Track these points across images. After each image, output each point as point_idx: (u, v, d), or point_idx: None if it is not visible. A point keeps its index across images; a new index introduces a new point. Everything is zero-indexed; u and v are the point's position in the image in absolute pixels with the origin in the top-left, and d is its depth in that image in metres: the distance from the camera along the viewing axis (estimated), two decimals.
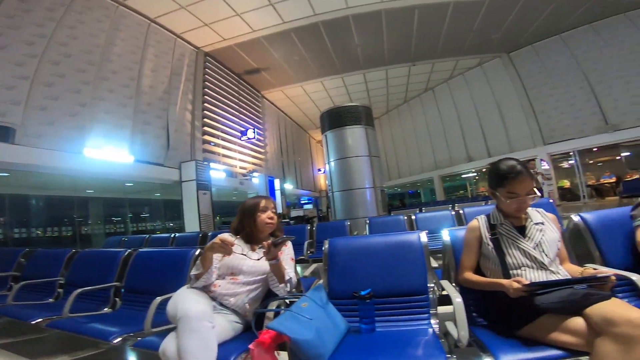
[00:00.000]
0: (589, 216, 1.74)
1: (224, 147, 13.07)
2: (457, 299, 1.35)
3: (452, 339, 1.32)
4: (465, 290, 1.56)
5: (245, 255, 1.73)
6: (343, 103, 7.08)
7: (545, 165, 14.88)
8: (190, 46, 11.83)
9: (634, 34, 12.66)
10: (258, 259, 1.72)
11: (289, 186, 19.02)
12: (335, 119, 6.52)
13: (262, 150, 16.13)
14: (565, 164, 15.63)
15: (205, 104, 12.17)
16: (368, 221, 4.38)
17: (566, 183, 15.73)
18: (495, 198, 1.53)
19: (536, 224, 1.51)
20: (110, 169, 7.79)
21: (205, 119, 12.06)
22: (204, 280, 1.59)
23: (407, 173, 22.55)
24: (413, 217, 4.19)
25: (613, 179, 14.10)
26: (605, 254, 1.68)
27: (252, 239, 1.82)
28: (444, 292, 1.55)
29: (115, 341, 1.69)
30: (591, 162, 15.14)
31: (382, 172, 21.80)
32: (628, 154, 13.74)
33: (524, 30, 14.10)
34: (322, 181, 25.75)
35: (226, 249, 1.53)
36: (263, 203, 1.84)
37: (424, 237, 1.75)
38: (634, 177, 11.81)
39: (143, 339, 1.62)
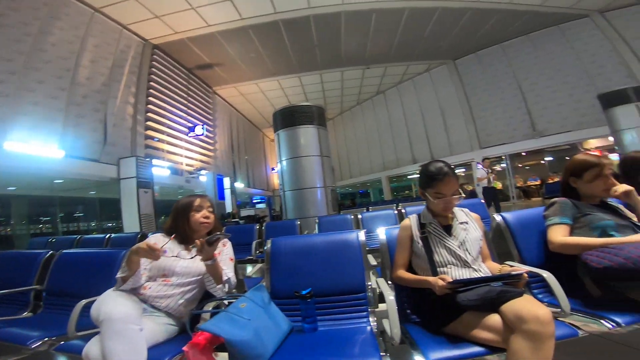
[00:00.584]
0: (508, 216, 1.88)
1: (169, 143, 12.43)
2: (390, 296, 1.39)
3: (388, 336, 1.35)
4: (400, 287, 1.61)
5: (177, 256, 1.66)
6: (299, 102, 7.08)
7: (479, 168, 16.15)
8: (137, 38, 11.13)
9: (564, 45, 13.98)
10: (192, 259, 1.65)
11: (240, 185, 18.57)
12: (288, 118, 6.49)
13: (211, 148, 15.57)
14: (498, 167, 17.10)
15: (150, 98, 11.50)
16: (318, 220, 4.43)
17: (499, 185, 17.23)
18: (425, 198, 1.60)
19: (461, 223, 1.60)
20: (36, 164, 7.04)
21: (149, 114, 11.38)
22: (131, 282, 1.50)
23: (358, 173, 23.16)
24: (359, 216, 4.32)
25: (538, 182, 15.74)
26: (522, 251, 1.80)
27: (186, 239, 1.74)
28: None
29: (34, 345, 1.56)
30: (520, 165, 16.72)
31: (335, 172, 22.29)
32: (551, 158, 15.38)
33: (470, 38, 15.01)
34: (275, 180, 25.52)
35: (152, 255, 1.44)
36: (197, 202, 1.77)
37: (362, 236, 1.78)
38: (555, 180, 13.22)
39: (66, 343, 1.51)
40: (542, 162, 16.29)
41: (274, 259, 1.76)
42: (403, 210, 3.93)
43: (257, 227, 4.25)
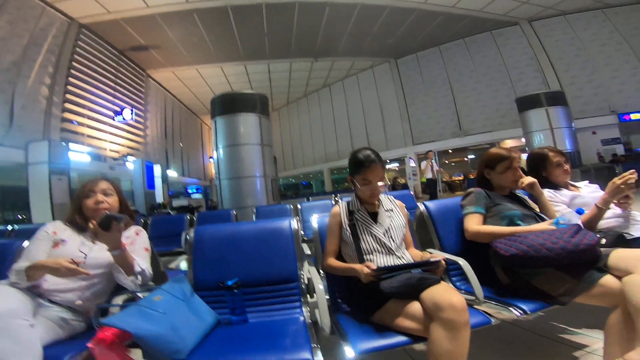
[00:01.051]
0: (431, 205, 1.97)
1: (91, 127, 11.26)
2: (319, 286, 1.37)
3: (320, 327, 1.32)
4: (332, 276, 1.59)
5: (81, 250, 1.47)
6: (242, 90, 6.86)
7: (412, 163, 17.22)
8: (62, 16, 10.07)
9: (494, 50, 15.27)
10: (98, 250, 1.48)
11: (173, 173, 17.47)
12: (229, 105, 6.25)
13: (141, 133, 14.44)
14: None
15: (71, 79, 10.42)
16: (255, 210, 4.33)
17: (446, 176, 18.58)
18: (354, 185, 1.61)
19: (387, 210, 1.63)
20: None
21: (69, 95, 10.29)
22: (28, 283, 1.31)
23: (302, 164, 23.26)
24: (299, 206, 4.31)
25: (461, 177, 17.27)
26: (442, 239, 1.87)
27: (85, 229, 1.55)
28: None
29: None
30: (447, 161, 18.18)
31: (278, 163, 22.08)
32: (473, 156, 16.91)
33: (413, 39, 15.74)
34: (213, 169, 24.46)
35: (74, 272, 1.27)
36: (88, 186, 1.57)
37: (294, 223, 1.74)
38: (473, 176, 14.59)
39: None
40: (466, 159, 17.85)
41: (198, 248, 1.65)
42: (340, 200, 4.00)
43: (188, 217, 4.01)
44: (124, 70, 13.52)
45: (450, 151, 17.21)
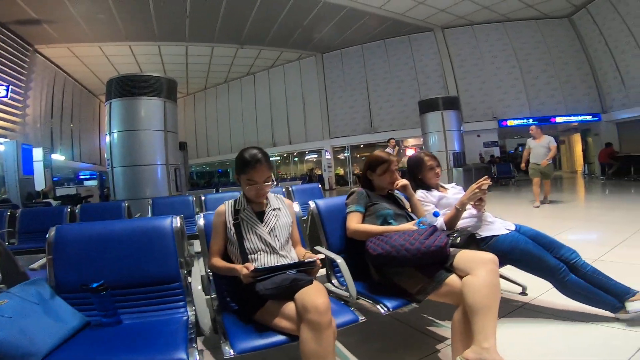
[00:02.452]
0: (320, 202, 2.04)
1: None
2: (198, 286, 1.36)
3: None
4: (220, 276, 1.57)
5: None
6: (151, 72, 6.28)
7: (327, 156, 17.91)
8: None
9: (408, 54, 16.36)
10: None
11: (59, 157, 15.14)
12: (128, 87, 5.70)
13: (18, 112, 12.41)
14: (341, 156, 19.30)
15: None
16: (151, 202, 4.01)
17: (341, 171, 19.57)
18: (240, 184, 1.60)
19: (274, 209, 1.64)
20: None
21: None
22: None
23: (217, 152, 22.28)
24: (203, 198, 4.10)
25: None
26: (329, 237, 1.91)
27: None
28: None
29: None
30: (358, 155, 19.29)
31: (192, 149, 20.72)
32: None
33: (340, 35, 16.09)
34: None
35: None
36: None
37: (177, 222, 1.67)
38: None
39: None
40: (396, 158, 19.29)
41: (60, 248, 1.47)
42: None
43: (69, 210, 3.51)
44: (3, 45, 11.68)
45: (361, 146, 18.30)
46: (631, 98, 12.18)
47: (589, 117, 13.84)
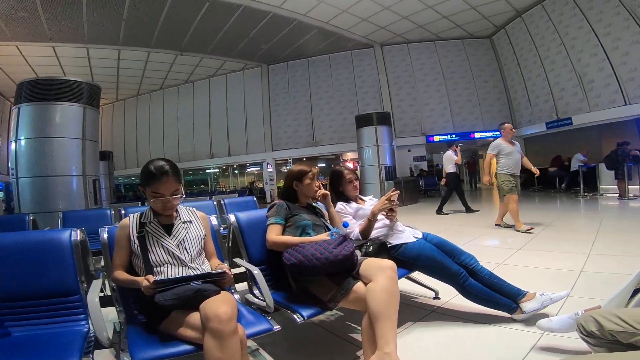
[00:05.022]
0: (242, 215, 2.07)
1: None
2: (95, 299, 1.33)
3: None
4: (127, 288, 1.55)
5: None
6: (73, 76, 5.77)
7: (269, 169, 17.79)
8: None
9: (350, 69, 16.87)
10: None
11: None
12: (43, 91, 5.20)
13: None
14: (284, 168, 19.32)
15: None
16: (61, 216, 3.66)
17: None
18: (146, 196, 1.57)
19: (184, 222, 1.63)
20: None
21: None
22: None
23: None
24: (123, 211, 3.84)
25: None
26: (249, 249, 1.96)
27: None
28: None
29: None
30: None
31: (120, 159, 19.14)
32: (323, 164, 18.65)
33: (287, 47, 16.15)
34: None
35: None
36: None
37: (77, 235, 1.63)
38: (324, 182, 16.21)
39: None
40: (317, 168, 19.59)
41: None
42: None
43: None
44: None
45: (304, 159, 18.53)
46: (535, 115, 13.86)
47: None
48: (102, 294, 2.07)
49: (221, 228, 2.76)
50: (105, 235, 1.67)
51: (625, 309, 1.33)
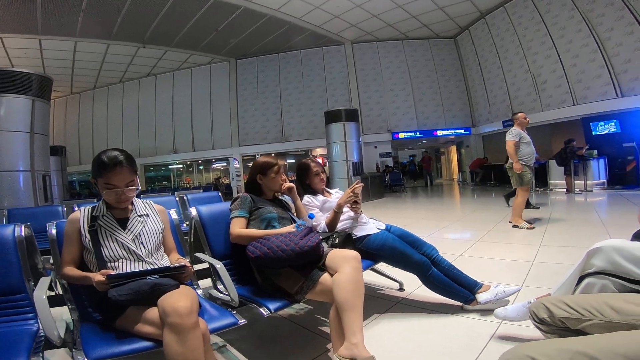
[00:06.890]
0: (204, 209, 2.02)
1: None
2: (43, 296, 1.26)
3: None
4: (79, 285, 1.47)
5: None
6: (27, 67, 5.33)
7: (236, 164, 17.44)
8: None
9: (320, 65, 16.85)
10: None
11: None
12: None
13: None
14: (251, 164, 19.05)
15: None
16: (6, 213, 3.40)
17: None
18: (98, 188, 1.49)
19: (140, 216, 1.56)
20: None
21: None
22: None
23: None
24: (77, 208, 3.61)
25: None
26: (212, 243, 1.92)
27: None
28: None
29: None
30: None
31: (74, 154, 17.98)
32: (292, 160, 18.56)
33: (257, 42, 15.82)
34: None
35: None
36: None
37: (22, 231, 1.54)
38: (292, 179, 16.19)
39: None
40: (285, 163, 19.41)
41: None
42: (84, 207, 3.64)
43: None
44: None
45: (272, 155, 18.30)
46: (492, 114, 14.60)
47: (462, 131, 16.15)
48: (53, 293, 1.97)
49: (184, 225, 2.69)
50: (54, 231, 1.57)
51: (572, 295, 1.41)
